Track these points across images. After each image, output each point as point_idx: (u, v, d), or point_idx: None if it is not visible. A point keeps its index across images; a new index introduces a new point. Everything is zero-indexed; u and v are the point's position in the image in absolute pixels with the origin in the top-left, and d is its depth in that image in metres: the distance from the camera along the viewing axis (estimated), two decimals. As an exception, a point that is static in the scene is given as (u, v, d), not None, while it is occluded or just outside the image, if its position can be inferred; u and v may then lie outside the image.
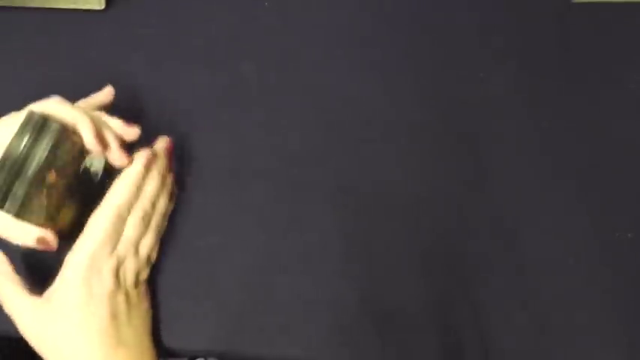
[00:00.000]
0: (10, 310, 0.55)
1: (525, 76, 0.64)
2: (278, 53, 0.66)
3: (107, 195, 0.56)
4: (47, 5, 0.66)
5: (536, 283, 0.60)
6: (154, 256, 0.60)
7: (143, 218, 0.57)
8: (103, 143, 0.56)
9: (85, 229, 0.55)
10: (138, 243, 0.57)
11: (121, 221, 0.56)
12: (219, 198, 0.63)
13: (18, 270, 0.56)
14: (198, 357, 0.64)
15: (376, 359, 0.60)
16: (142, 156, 0.57)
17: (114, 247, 0.56)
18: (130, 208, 0.57)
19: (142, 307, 0.58)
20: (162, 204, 0.60)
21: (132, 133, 0.58)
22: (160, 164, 0.59)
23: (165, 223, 0.61)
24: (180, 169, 0.63)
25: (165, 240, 0.61)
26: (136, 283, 0.58)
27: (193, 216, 0.63)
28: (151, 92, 0.65)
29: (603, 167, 0.62)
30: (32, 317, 0.55)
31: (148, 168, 0.58)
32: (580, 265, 0.61)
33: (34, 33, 0.67)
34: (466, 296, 0.61)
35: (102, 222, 0.55)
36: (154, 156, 0.58)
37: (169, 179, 0.61)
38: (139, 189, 0.57)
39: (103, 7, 0.66)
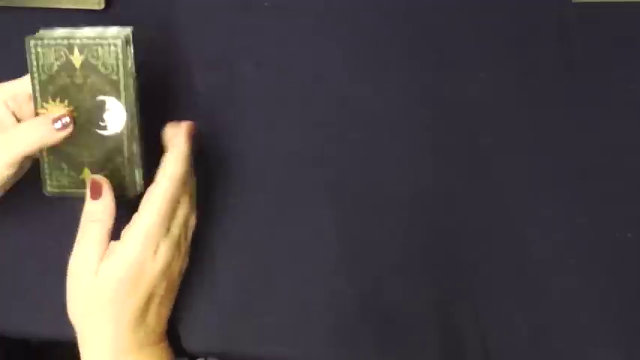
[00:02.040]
0: (74, 260, 0.55)
1: (525, 76, 0.64)
2: (278, 53, 0.66)
3: (163, 171, 0.55)
4: (47, 5, 0.66)
5: (536, 283, 0.61)
6: (190, 238, 0.60)
7: (191, 197, 0.57)
8: None
9: (143, 203, 0.55)
10: (186, 224, 0.57)
11: (176, 199, 0.55)
12: (217, 198, 0.63)
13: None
14: (198, 357, 0.64)
15: (375, 359, 0.60)
16: (186, 126, 0.57)
17: (169, 226, 0.55)
18: (185, 185, 0.56)
19: (174, 293, 0.59)
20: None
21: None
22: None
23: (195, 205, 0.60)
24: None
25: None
26: (180, 271, 0.58)
27: (193, 216, 0.63)
28: (150, 92, 0.65)
29: (603, 167, 0.62)
30: (85, 278, 0.54)
31: (190, 143, 0.57)
32: (580, 265, 0.61)
33: (34, 33, 0.67)
34: (466, 296, 0.61)
35: (162, 198, 0.54)
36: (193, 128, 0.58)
37: None
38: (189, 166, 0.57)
39: (102, 7, 0.66)
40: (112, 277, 0.53)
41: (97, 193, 0.55)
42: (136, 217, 0.54)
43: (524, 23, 0.65)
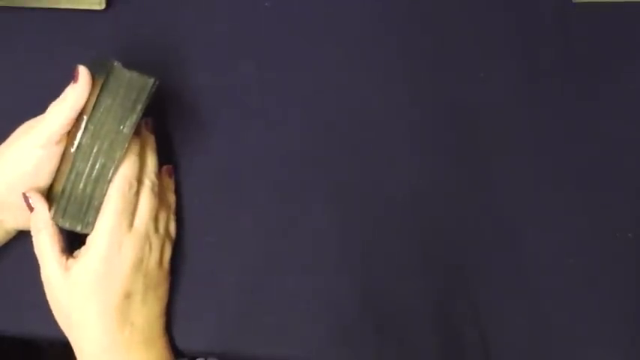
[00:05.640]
0: (42, 271, 0.56)
1: (525, 76, 0.64)
2: (278, 53, 0.66)
3: (118, 170, 0.56)
4: (47, 5, 0.66)
5: (536, 283, 0.61)
6: (173, 231, 0.61)
7: (152, 189, 0.58)
8: None
9: (104, 204, 0.56)
10: (155, 218, 0.58)
11: (132, 193, 0.56)
12: (218, 198, 0.63)
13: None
14: (198, 357, 0.64)
15: (376, 359, 0.60)
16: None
17: (131, 222, 0.56)
18: (137, 178, 0.57)
19: (160, 290, 0.59)
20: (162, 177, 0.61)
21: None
22: (151, 141, 0.60)
23: (174, 197, 0.62)
24: (180, 169, 0.63)
25: (166, 240, 0.61)
26: (160, 263, 0.58)
27: (193, 216, 0.63)
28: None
29: (603, 167, 0.62)
30: (55, 284, 0.56)
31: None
32: (580, 265, 0.61)
33: (34, 33, 0.67)
34: (466, 296, 0.61)
35: (114, 195, 0.55)
36: (146, 123, 0.59)
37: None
38: (141, 159, 0.58)
39: (103, 7, 0.66)
40: (85, 274, 0.55)
41: (29, 207, 0.56)
42: (97, 219, 0.56)
43: (524, 23, 0.65)
